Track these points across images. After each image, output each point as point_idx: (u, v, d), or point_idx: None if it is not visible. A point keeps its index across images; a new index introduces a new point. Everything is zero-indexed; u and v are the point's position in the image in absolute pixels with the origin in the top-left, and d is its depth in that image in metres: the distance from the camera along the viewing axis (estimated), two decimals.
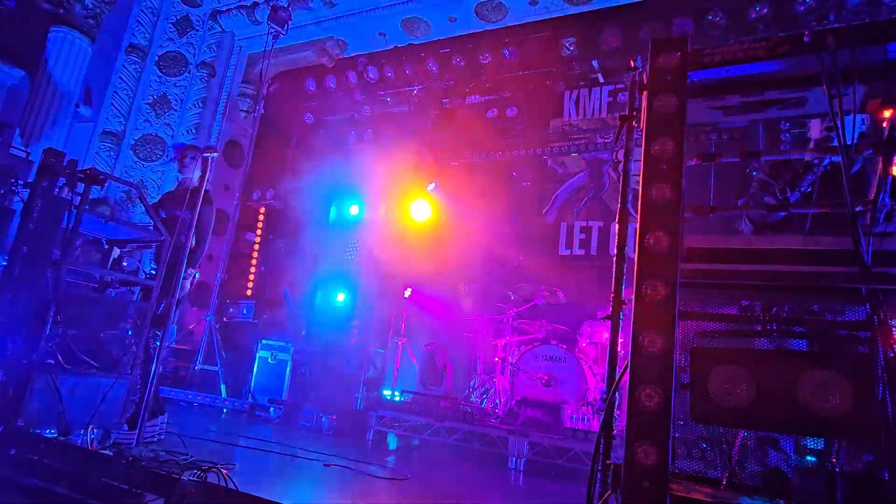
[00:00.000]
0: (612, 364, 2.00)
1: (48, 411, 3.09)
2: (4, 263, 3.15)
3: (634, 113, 2.10)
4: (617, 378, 1.96)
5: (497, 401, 6.05)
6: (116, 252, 3.86)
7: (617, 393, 1.98)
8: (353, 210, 8.20)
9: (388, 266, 7.90)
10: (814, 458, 1.82)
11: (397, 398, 6.36)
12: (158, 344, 3.53)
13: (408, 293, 7.31)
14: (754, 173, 3.28)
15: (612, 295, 2.03)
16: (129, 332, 3.63)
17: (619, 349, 2.02)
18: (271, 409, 5.86)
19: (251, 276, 8.88)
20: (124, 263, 3.91)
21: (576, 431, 4.67)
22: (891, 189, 1.85)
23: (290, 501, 2.86)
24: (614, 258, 2.06)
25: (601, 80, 7.14)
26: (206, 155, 3.97)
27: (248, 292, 8.72)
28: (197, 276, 4.30)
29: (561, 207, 7.97)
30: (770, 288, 1.87)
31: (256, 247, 9.07)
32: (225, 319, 7.49)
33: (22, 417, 2.98)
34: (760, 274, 1.84)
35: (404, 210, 7.91)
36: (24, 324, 3.08)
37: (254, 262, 8.97)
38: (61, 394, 3.15)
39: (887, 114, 2.05)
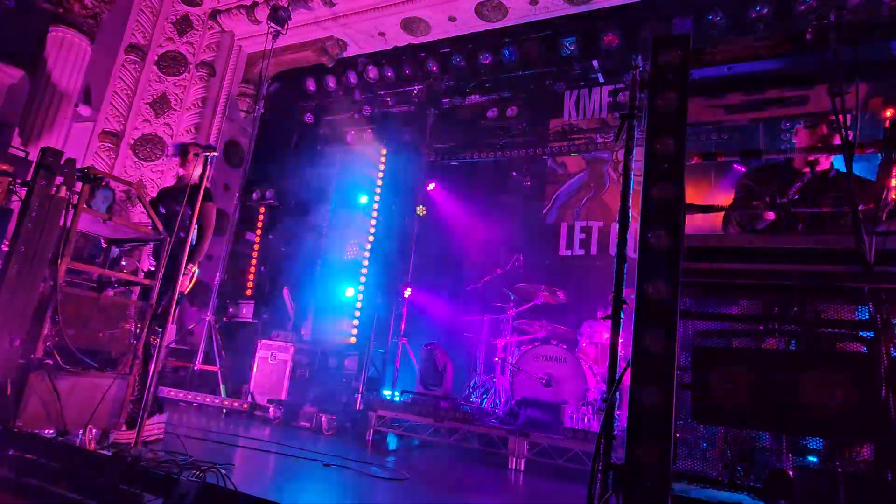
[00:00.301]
0: (613, 364, 2.00)
1: (46, 411, 3.08)
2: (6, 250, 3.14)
3: (635, 111, 2.09)
4: (617, 378, 1.95)
5: (497, 401, 6.04)
6: (115, 251, 3.85)
7: (617, 393, 1.97)
8: (353, 211, 8.20)
9: (387, 266, 7.90)
10: (815, 458, 1.81)
11: (397, 398, 6.35)
12: (158, 343, 3.52)
13: (408, 293, 7.30)
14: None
15: (613, 295, 2.02)
16: (128, 332, 3.62)
17: (619, 349, 2.01)
18: (271, 409, 5.85)
19: (251, 276, 8.86)
20: (123, 263, 3.90)
21: (576, 431, 4.65)
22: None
23: (290, 501, 2.85)
24: (614, 258, 2.05)
25: (601, 80, 7.13)
26: (206, 154, 3.97)
27: (248, 292, 8.70)
28: (196, 272, 4.29)
29: (561, 207, 7.97)
30: (771, 287, 1.86)
31: (256, 247, 9.06)
32: (225, 319, 7.47)
33: (20, 417, 2.97)
34: (761, 273, 1.83)
35: (404, 210, 7.91)
36: (23, 323, 3.07)
37: (254, 262, 8.95)
38: (59, 394, 3.13)
39: (889, 113, 2.05)
